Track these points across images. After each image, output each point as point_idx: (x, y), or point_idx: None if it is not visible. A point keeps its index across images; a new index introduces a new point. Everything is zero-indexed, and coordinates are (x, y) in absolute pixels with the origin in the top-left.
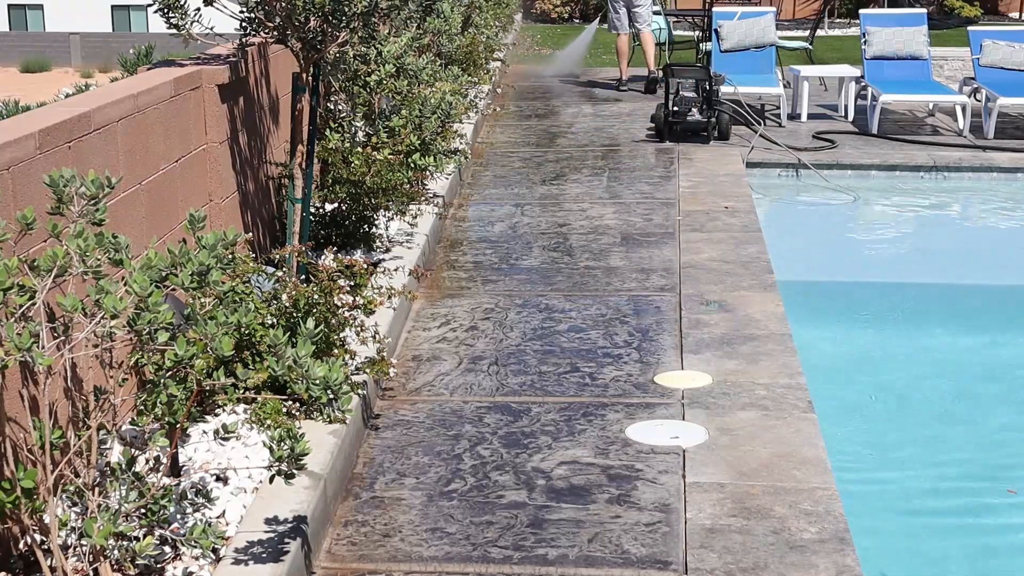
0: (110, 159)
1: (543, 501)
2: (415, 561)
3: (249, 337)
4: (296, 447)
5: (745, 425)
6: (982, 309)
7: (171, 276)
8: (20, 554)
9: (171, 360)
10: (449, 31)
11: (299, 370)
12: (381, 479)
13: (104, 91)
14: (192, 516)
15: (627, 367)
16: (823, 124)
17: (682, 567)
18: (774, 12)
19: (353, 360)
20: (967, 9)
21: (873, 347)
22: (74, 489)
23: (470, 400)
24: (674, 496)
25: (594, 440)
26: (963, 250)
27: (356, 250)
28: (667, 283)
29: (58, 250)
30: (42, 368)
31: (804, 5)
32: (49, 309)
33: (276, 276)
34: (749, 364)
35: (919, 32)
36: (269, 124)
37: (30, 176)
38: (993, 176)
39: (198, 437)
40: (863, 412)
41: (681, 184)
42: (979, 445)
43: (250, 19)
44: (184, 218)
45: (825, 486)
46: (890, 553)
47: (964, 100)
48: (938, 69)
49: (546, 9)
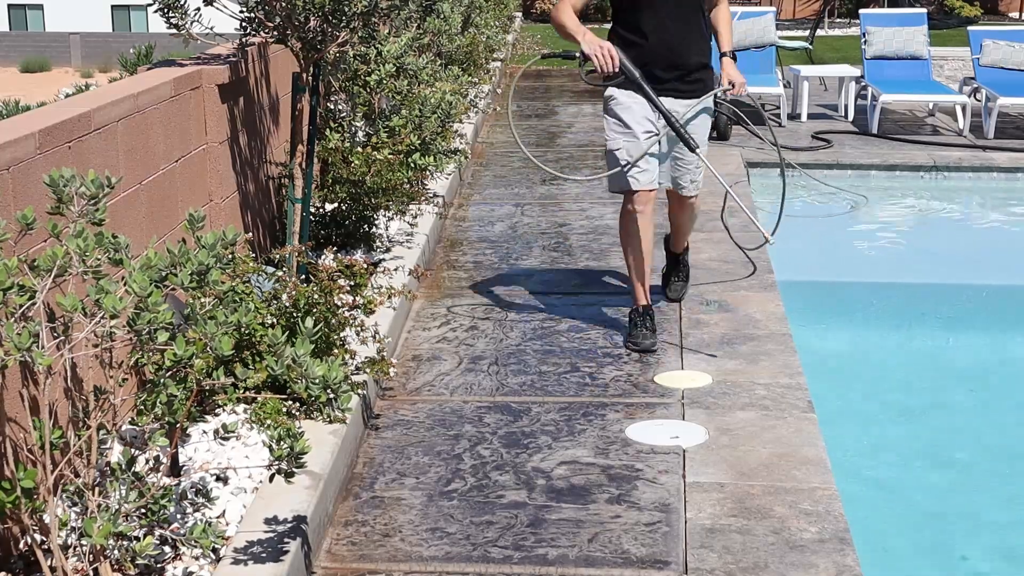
0: (110, 159)
1: (543, 501)
2: (415, 561)
3: (249, 337)
4: (296, 446)
5: (745, 425)
6: (983, 309)
7: (171, 276)
8: (20, 554)
9: (171, 360)
10: (449, 31)
11: (298, 369)
12: (381, 479)
13: (104, 91)
14: (192, 516)
15: (627, 367)
16: (823, 124)
17: (682, 567)
18: (774, 12)
19: (353, 360)
20: (967, 9)
21: (873, 347)
22: (74, 489)
23: (470, 400)
24: (674, 496)
25: (594, 440)
26: (963, 250)
27: (356, 250)
28: None
29: (58, 250)
30: (42, 368)
31: (804, 5)
32: (49, 309)
33: (276, 276)
34: (749, 364)
35: (919, 32)
36: (269, 124)
37: (30, 176)
38: (993, 176)
39: (198, 437)
40: (863, 412)
41: None
42: (980, 445)
43: (250, 19)
44: (184, 218)
45: (825, 486)
46: (890, 553)
47: (964, 100)
48: (938, 69)
49: (546, 9)
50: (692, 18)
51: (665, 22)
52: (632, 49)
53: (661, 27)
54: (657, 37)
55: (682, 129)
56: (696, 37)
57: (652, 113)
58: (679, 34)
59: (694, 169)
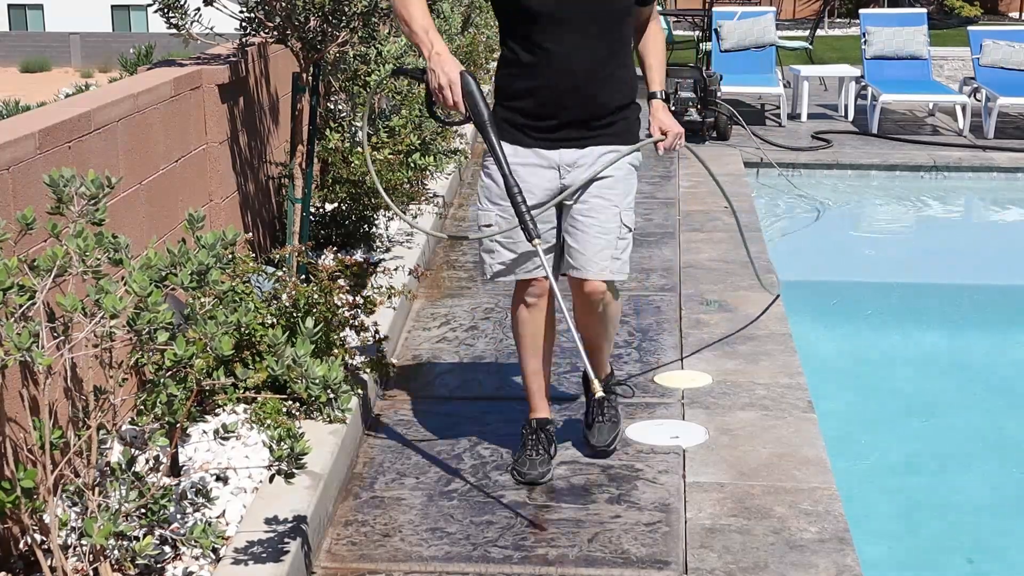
0: (110, 159)
1: (543, 501)
2: (415, 561)
3: (249, 337)
4: (296, 446)
5: (745, 425)
6: (983, 309)
7: (171, 276)
8: (20, 554)
9: (171, 360)
10: (449, 31)
11: (298, 369)
12: (381, 479)
13: (104, 91)
14: (192, 516)
15: (627, 367)
16: (823, 124)
17: (682, 567)
18: (774, 12)
19: (353, 360)
20: (967, 9)
21: (873, 347)
22: (74, 489)
23: (470, 400)
24: (674, 496)
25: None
26: (963, 250)
27: (356, 250)
28: (667, 283)
29: (58, 250)
30: (42, 368)
31: (804, 5)
32: (49, 309)
33: (276, 276)
34: (749, 364)
35: (919, 32)
36: (269, 124)
37: (30, 176)
38: (993, 176)
39: (198, 437)
40: (863, 412)
41: (681, 184)
42: (980, 444)
43: (250, 19)
44: (184, 218)
45: (825, 486)
46: (890, 553)
47: (964, 100)
48: (938, 69)
49: None
50: (612, 37)
51: (572, 40)
52: (521, 79)
53: (565, 48)
54: (560, 63)
55: (527, 214)
56: (616, 65)
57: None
58: (592, 59)
59: (598, 236)
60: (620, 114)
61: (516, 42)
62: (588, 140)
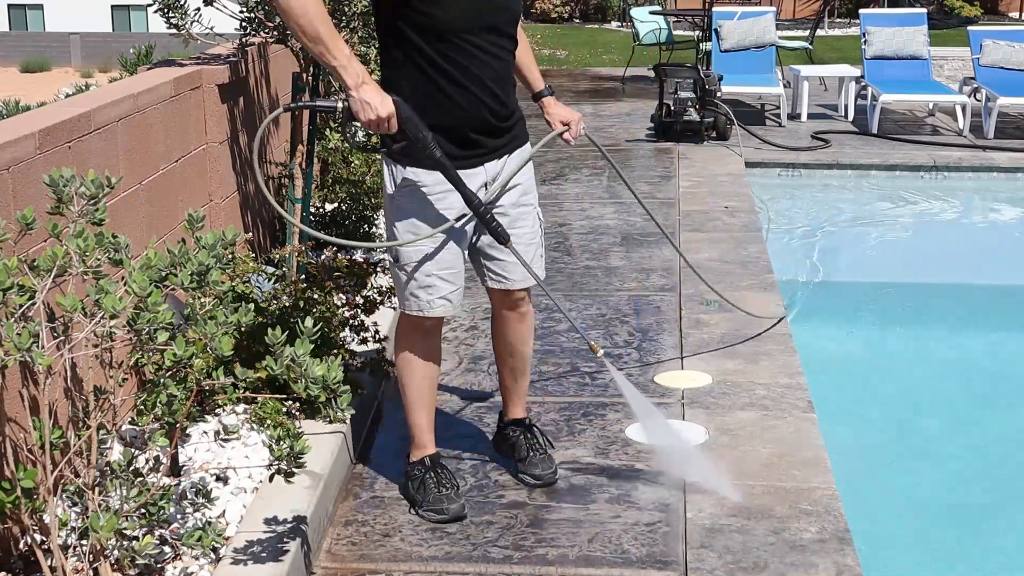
0: (110, 159)
1: (543, 501)
2: (415, 561)
3: (250, 338)
4: (295, 446)
5: (745, 425)
6: (983, 309)
7: (171, 276)
8: (20, 554)
9: (171, 360)
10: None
11: (298, 369)
12: (381, 479)
13: (104, 91)
14: (192, 516)
15: (627, 367)
16: (823, 124)
17: (682, 567)
18: (774, 12)
19: (353, 360)
20: (967, 9)
21: (873, 347)
22: (74, 489)
23: (470, 400)
24: (674, 496)
25: (594, 440)
26: (963, 250)
27: (356, 250)
28: (667, 283)
29: (58, 250)
30: (42, 368)
31: (804, 5)
32: (49, 309)
33: (276, 276)
34: (749, 364)
35: (919, 32)
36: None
37: (30, 176)
38: (993, 176)
39: (198, 437)
40: (863, 412)
41: (681, 184)
42: (980, 444)
43: (250, 19)
44: (184, 218)
45: (825, 486)
46: (890, 553)
47: (964, 100)
48: (938, 69)
49: (546, 9)
50: (509, 47)
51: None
52: (434, 98)
53: (480, 63)
54: (479, 82)
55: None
56: (510, 74)
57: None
58: (501, 72)
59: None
60: (516, 115)
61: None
62: (503, 149)
